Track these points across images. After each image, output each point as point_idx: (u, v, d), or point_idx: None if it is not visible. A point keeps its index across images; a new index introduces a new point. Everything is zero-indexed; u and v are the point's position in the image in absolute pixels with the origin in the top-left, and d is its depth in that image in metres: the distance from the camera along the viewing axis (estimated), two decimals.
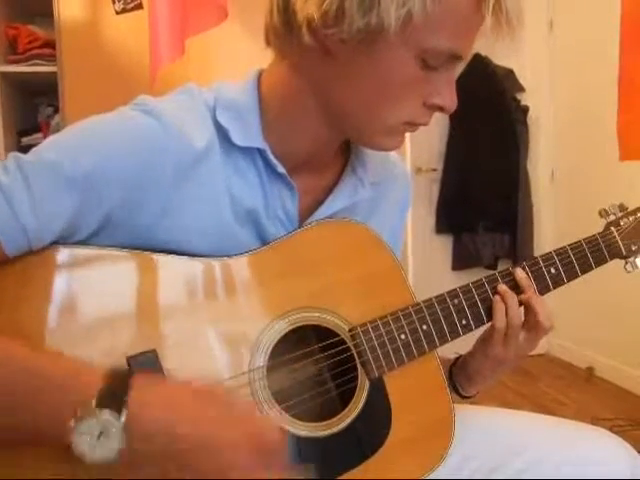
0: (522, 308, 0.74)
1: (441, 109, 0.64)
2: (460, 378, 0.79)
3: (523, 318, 0.73)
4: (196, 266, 0.63)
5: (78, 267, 0.59)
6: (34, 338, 0.57)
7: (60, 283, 0.58)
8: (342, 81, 0.62)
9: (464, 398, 0.80)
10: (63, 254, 0.59)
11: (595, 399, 2.46)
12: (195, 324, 0.62)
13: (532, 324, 0.74)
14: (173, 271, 0.62)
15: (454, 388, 0.79)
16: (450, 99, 0.63)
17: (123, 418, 0.47)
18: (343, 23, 0.57)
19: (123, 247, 0.61)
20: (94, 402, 0.48)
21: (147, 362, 0.59)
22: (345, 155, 0.75)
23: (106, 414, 0.47)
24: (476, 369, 0.77)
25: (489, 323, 0.75)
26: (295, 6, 0.59)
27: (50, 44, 2.00)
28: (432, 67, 0.60)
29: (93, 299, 0.59)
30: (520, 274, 0.75)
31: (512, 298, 0.73)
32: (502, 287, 0.74)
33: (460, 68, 0.65)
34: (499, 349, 0.74)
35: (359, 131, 0.66)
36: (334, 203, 0.72)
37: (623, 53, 1.83)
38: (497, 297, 0.74)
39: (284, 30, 0.62)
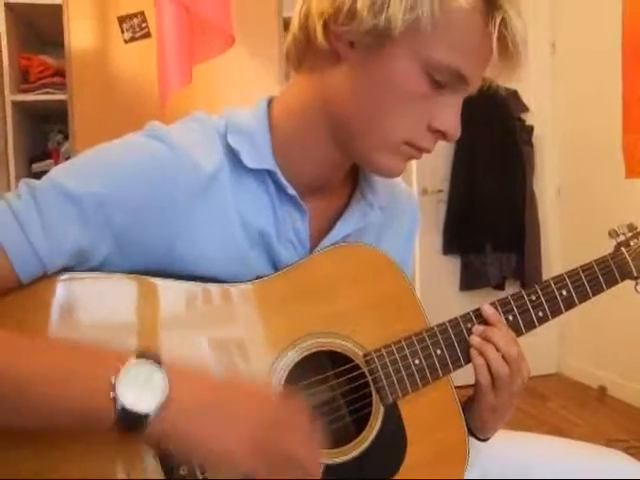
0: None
1: (444, 135, 0.64)
2: (471, 426, 0.76)
3: (507, 368, 0.70)
4: (207, 293, 0.63)
5: (80, 292, 0.60)
6: None
7: (63, 308, 0.59)
8: (348, 88, 0.63)
9: (483, 441, 0.77)
10: (66, 279, 0.59)
11: (608, 419, 2.43)
12: (209, 350, 0.62)
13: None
14: (184, 298, 0.62)
15: (472, 434, 0.76)
16: (453, 126, 0.63)
17: (164, 369, 0.51)
18: (353, 23, 0.59)
19: (134, 273, 0.61)
20: (134, 356, 0.51)
21: None
22: (355, 180, 0.76)
23: (148, 364, 0.51)
24: (477, 425, 0.74)
25: None
26: (311, 8, 0.62)
27: (61, 73, 2.04)
28: (438, 86, 0.61)
29: (97, 325, 0.59)
30: (488, 311, 0.72)
31: (489, 348, 0.70)
32: (475, 339, 0.71)
33: (465, 96, 0.65)
34: (491, 399, 0.71)
35: (361, 147, 0.66)
36: (344, 226, 0.72)
37: (625, 73, 1.85)
38: (474, 352, 0.70)
39: (302, 36, 0.65)
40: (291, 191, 0.67)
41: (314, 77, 0.66)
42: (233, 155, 0.66)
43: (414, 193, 2.66)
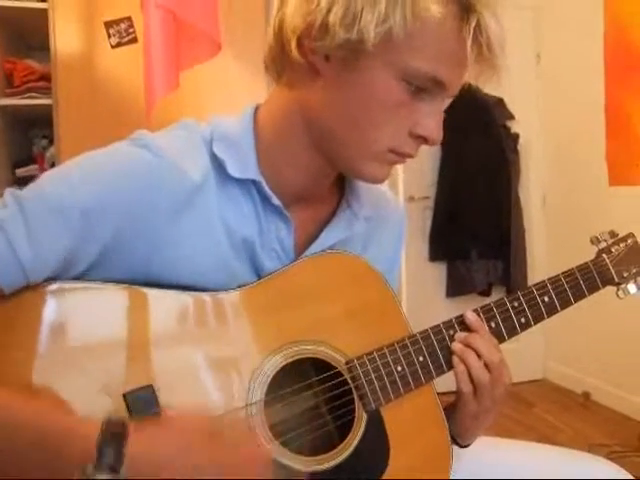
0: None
1: (425, 140, 0.64)
2: (452, 432, 0.75)
3: (488, 375, 0.70)
4: (191, 301, 0.63)
5: (69, 304, 0.59)
6: (25, 375, 0.56)
7: (52, 318, 0.58)
8: (328, 101, 0.63)
9: (464, 447, 0.77)
10: (54, 290, 0.59)
11: (592, 425, 2.45)
12: (191, 359, 0.62)
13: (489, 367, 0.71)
14: (167, 306, 0.62)
15: (453, 440, 0.75)
16: (435, 131, 0.63)
17: (122, 474, 0.47)
18: (326, 37, 0.58)
19: (118, 281, 0.61)
20: (91, 466, 0.47)
21: (144, 398, 0.58)
22: (340, 190, 0.76)
23: (104, 475, 0.47)
24: (458, 431, 0.75)
25: None
26: (286, 22, 0.61)
27: (46, 77, 2.03)
28: (417, 93, 0.61)
29: (87, 335, 0.59)
30: (470, 318, 0.73)
31: (471, 355, 0.70)
32: (457, 346, 0.71)
33: (447, 102, 0.66)
34: (472, 406, 0.71)
35: (345, 156, 0.66)
36: (329, 236, 0.72)
37: (608, 82, 1.88)
38: (456, 359, 0.70)
39: (277, 48, 0.64)
40: (275, 201, 0.67)
41: (293, 89, 0.65)
42: (218, 164, 0.65)
43: (400, 200, 2.67)
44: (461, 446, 0.76)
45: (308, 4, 0.59)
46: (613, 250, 0.85)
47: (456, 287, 2.87)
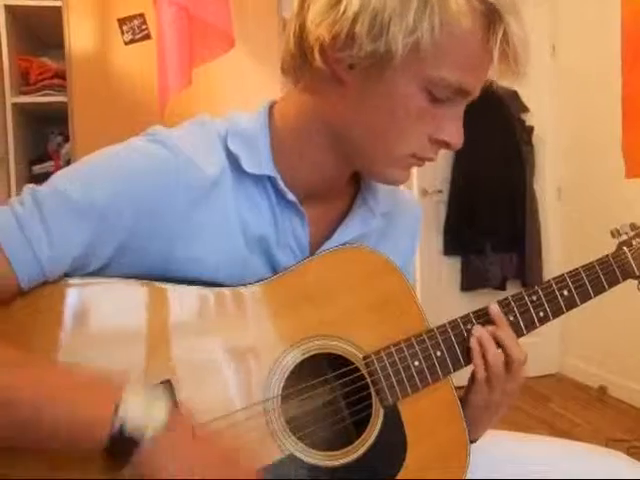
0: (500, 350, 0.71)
1: (447, 145, 0.64)
2: None
3: (503, 365, 0.71)
4: (208, 296, 0.63)
5: (88, 299, 0.60)
6: None
7: (71, 314, 0.59)
8: (350, 109, 0.63)
9: (471, 442, 0.76)
10: (74, 285, 0.59)
11: (609, 420, 2.43)
12: (208, 354, 0.62)
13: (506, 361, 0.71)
14: (185, 301, 0.63)
15: None
16: (456, 136, 0.63)
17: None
18: (353, 48, 0.57)
19: (136, 277, 0.61)
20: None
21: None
22: (356, 185, 0.76)
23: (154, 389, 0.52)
24: (468, 421, 0.74)
25: None
26: (308, 29, 0.60)
27: (61, 75, 2.05)
28: (439, 101, 0.60)
29: (105, 330, 0.59)
30: (494, 310, 0.73)
31: (490, 341, 0.70)
32: (475, 336, 0.71)
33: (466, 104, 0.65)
34: (484, 395, 0.72)
35: (365, 161, 0.66)
36: (345, 232, 0.72)
37: (625, 73, 1.85)
38: (473, 340, 0.70)
39: (298, 55, 0.63)
40: (291, 197, 0.67)
41: (313, 94, 0.65)
42: (234, 160, 0.65)
43: (414, 194, 2.66)
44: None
45: (333, 12, 0.58)
46: (634, 243, 0.83)
47: (471, 281, 2.86)
